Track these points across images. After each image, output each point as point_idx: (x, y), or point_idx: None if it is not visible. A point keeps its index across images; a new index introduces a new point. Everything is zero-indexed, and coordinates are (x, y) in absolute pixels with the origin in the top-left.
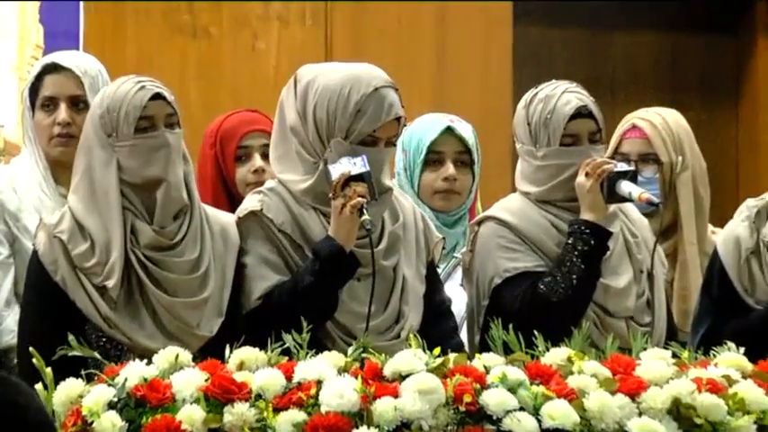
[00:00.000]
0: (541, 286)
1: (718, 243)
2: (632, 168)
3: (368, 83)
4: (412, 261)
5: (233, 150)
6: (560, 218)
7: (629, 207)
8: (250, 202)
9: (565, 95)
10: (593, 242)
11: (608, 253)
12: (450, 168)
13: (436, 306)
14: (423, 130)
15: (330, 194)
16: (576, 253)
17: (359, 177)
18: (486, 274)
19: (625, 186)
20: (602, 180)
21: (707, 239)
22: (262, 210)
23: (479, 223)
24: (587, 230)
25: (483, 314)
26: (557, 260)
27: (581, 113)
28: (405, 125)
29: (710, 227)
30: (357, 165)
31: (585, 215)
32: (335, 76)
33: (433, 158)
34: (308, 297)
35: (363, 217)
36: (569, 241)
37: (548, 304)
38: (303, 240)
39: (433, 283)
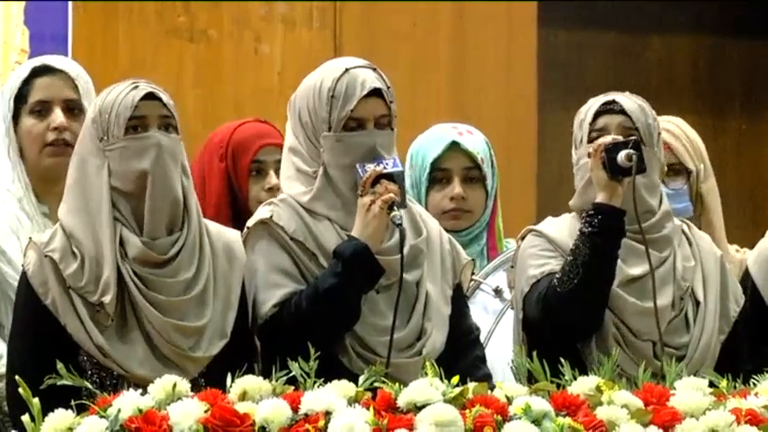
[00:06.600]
0: (554, 281)
1: (750, 264)
2: (632, 138)
3: (338, 67)
4: (437, 279)
5: (247, 164)
6: None
7: (703, 236)
8: (260, 213)
9: (602, 96)
10: (596, 222)
11: (646, 272)
12: (456, 187)
13: (462, 333)
14: (427, 145)
15: (359, 191)
16: (581, 237)
17: (389, 177)
18: (519, 286)
19: (620, 156)
20: (603, 157)
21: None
22: (272, 218)
23: (522, 238)
24: (591, 211)
25: (521, 331)
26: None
27: (611, 110)
28: (392, 101)
29: (735, 246)
30: (389, 165)
31: (596, 198)
32: (312, 77)
33: (438, 176)
34: (330, 302)
35: (393, 213)
36: (578, 228)
37: (557, 298)
38: (317, 249)
39: (460, 307)
